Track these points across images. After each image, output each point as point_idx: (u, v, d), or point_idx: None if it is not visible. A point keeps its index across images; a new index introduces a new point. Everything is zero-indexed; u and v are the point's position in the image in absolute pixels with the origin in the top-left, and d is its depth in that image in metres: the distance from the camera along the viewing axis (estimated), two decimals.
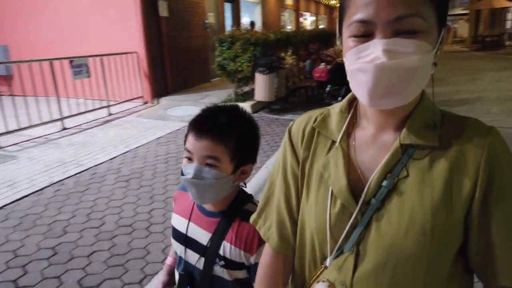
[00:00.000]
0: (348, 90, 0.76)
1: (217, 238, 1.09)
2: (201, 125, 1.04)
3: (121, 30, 8.06)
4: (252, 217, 0.93)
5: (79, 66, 6.78)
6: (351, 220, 0.73)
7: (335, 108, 0.84)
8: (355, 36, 0.67)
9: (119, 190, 3.90)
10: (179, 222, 1.19)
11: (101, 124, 6.64)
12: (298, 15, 20.77)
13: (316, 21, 25.19)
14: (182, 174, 1.05)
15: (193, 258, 1.13)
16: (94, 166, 4.59)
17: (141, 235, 3.03)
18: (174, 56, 8.85)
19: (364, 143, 0.77)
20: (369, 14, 0.64)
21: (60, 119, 6.29)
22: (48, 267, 2.64)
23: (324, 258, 0.79)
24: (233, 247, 1.07)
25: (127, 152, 5.11)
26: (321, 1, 24.87)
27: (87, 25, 8.36)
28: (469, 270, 0.76)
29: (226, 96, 7.98)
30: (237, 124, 1.07)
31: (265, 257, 0.91)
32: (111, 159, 4.84)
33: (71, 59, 6.65)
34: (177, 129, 6.22)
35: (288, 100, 8.22)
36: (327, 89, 7.82)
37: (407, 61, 0.63)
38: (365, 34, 0.66)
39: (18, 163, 4.73)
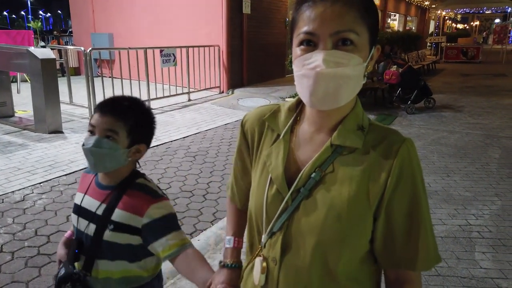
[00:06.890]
0: (419, 95, 0.88)
1: (111, 205, 1.22)
2: (106, 104, 1.22)
3: (207, 24, 8.85)
4: (227, 192, 1.13)
5: (168, 55, 7.69)
6: (282, 204, 0.84)
7: (285, 105, 0.94)
8: (302, 45, 0.78)
9: (186, 163, 4.56)
10: (78, 197, 1.33)
11: (180, 108, 7.51)
12: (385, 15, 20.22)
13: (405, 22, 24.18)
14: (83, 145, 1.19)
15: (83, 225, 1.26)
16: (169, 141, 5.34)
17: (198, 200, 3.61)
18: (252, 51, 9.43)
19: (304, 140, 0.88)
20: (314, 27, 0.75)
21: (147, 100, 7.21)
22: None
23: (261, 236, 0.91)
24: (123, 212, 1.20)
25: (198, 133, 5.80)
26: (412, 1, 23.78)
27: (178, 19, 9.31)
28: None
29: (295, 91, 8.32)
30: (136, 108, 1.25)
31: (227, 204, 1.14)
32: (183, 137, 5.56)
33: (161, 49, 7.56)
34: None
35: None
36: (398, 92, 7.80)
37: (341, 70, 0.74)
38: (310, 44, 0.77)
39: None
